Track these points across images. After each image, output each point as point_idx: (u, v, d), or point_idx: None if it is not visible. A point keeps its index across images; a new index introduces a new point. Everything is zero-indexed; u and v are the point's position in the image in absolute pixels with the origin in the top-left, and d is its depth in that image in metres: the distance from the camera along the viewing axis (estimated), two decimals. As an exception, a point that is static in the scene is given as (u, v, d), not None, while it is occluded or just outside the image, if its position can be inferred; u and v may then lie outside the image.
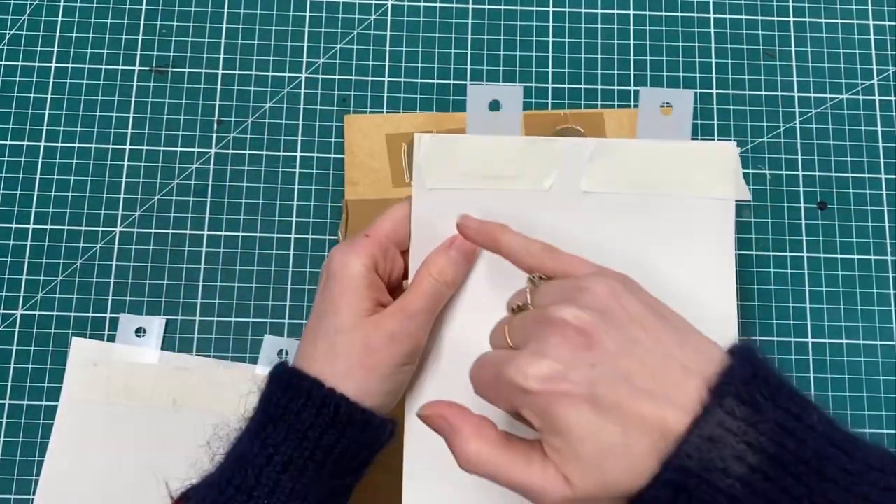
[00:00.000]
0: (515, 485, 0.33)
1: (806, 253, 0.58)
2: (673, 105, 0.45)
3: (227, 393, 0.54)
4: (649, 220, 0.44)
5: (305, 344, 0.42)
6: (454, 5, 0.62)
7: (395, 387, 0.42)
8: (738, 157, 0.44)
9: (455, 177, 0.44)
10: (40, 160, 0.58)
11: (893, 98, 0.61)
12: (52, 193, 0.58)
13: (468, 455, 0.34)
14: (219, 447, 0.42)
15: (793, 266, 0.58)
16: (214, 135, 0.59)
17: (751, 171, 0.59)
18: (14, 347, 0.55)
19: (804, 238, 0.58)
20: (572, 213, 0.44)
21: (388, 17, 0.62)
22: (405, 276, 0.45)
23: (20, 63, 0.60)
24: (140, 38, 0.61)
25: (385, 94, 0.60)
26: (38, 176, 0.58)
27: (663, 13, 0.62)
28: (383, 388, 0.41)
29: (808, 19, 0.63)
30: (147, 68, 0.60)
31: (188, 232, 0.57)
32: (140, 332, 0.55)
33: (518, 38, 0.62)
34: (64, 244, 0.57)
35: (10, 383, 0.55)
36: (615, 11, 0.62)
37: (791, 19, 0.62)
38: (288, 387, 0.40)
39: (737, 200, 0.45)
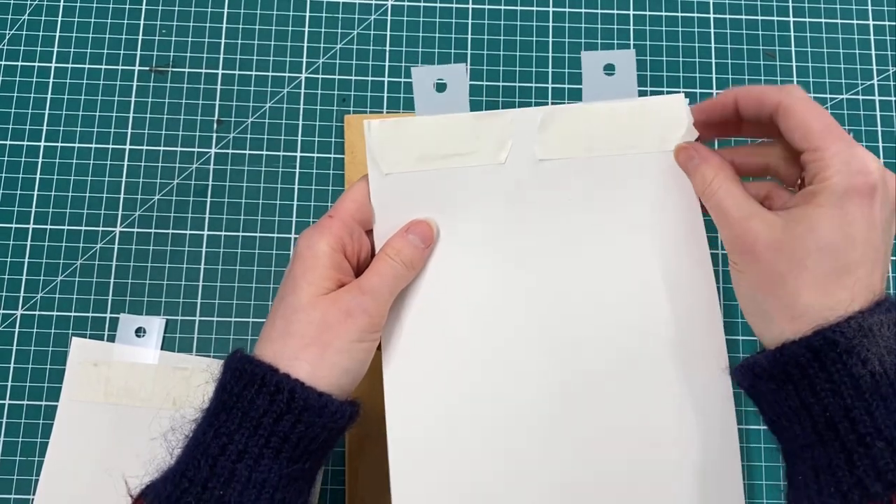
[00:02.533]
0: (733, 218, 0.39)
1: (806, 253, 0.58)
2: (616, 66, 0.45)
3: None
4: (607, 181, 0.44)
5: (265, 326, 0.42)
6: (454, 5, 0.62)
7: (354, 365, 0.41)
8: (688, 108, 0.44)
9: (410, 159, 0.44)
10: (40, 160, 0.58)
11: (893, 98, 0.61)
12: (52, 193, 0.58)
13: (705, 177, 0.41)
14: (176, 441, 0.41)
15: (793, 266, 0.58)
16: (214, 135, 0.59)
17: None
18: (14, 347, 0.55)
19: (804, 238, 0.58)
20: (531, 182, 0.44)
21: (388, 17, 0.62)
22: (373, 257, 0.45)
23: (20, 63, 0.60)
24: (140, 38, 0.61)
25: (385, 94, 0.60)
26: (38, 176, 0.58)
27: (663, 13, 0.62)
28: (340, 365, 0.40)
29: (808, 19, 0.63)
30: (147, 68, 0.60)
31: (188, 232, 0.57)
32: (140, 332, 0.55)
33: (518, 38, 0.62)
34: (64, 244, 0.57)
35: (9, 383, 0.55)
36: (615, 11, 0.62)
37: (791, 19, 0.62)
38: (241, 374, 0.39)
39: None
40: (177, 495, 0.38)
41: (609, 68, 0.45)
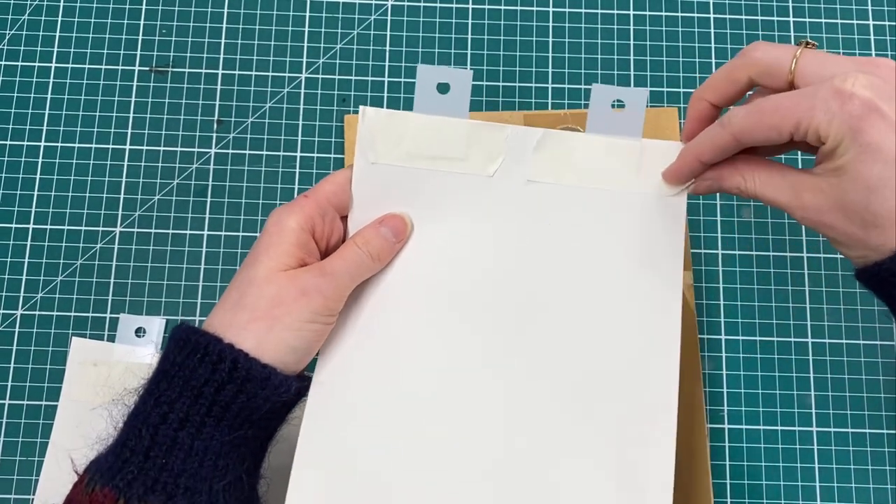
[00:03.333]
0: (785, 205, 0.39)
1: (806, 253, 0.58)
2: (626, 103, 0.44)
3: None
4: (592, 214, 0.44)
5: (221, 298, 0.41)
6: (454, 5, 0.62)
7: (302, 343, 0.40)
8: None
9: (399, 153, 0.44)
10: (40, 160, 0.58)
11: (893, 98, 0.61)
12: (52, 193, 0.58)
13: (739, 186, 0.41)
14: (119, 414, 0.40)
15: (793, 266, 0.58)
16: (214, 135, 0.59)
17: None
18: (14, 347, 0.55)
19: (804, 238, 0.58)
20: (516, 200, 0.44)
21: (388, 17, 0.62)
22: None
23: (20, 63, 0.60)
24: (140, 38, 0.61)
25: (385, 94, 0.60)
26: (38, 176, 0.58)
27: (663, 13, 0.62)
28: (287, 342, 0.40)
29: (808, 19, 0.62)
30: (147, 68, 0.60)
31: (188, 232, 0.57)
32: (140, 332, 0.55)
33: (518, 38, 0.62)
34: (64, 244, 0.57)
35: (9, 383, 0.55)
36: (615, 11, 0.62)
37: (791, 19, 0.62)
38: (184, 343, 0.39)
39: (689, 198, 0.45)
40: (118, 465, 0.37)
41: (618, 102, 0.44)
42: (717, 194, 0.59)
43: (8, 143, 0.58)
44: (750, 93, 0.42)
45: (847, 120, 0.35)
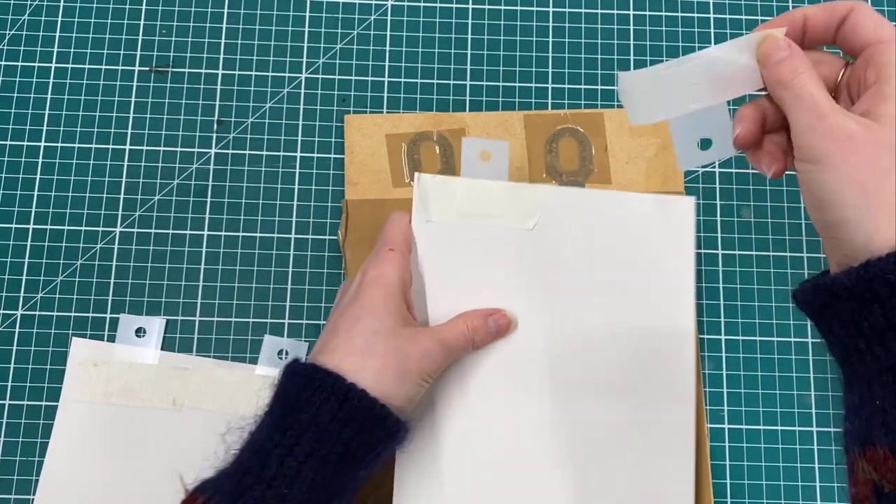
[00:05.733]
0: (825, 109, 0.36)
1: (806, 253, 0.58)
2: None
3: (227, 393, 0.54)
4: (618, 266, 0.52)
5: (337, 340, 0.43)
6: (454, 5, 0.62)
7: (415, 396, 0.44)
8: (694, 212, 0.52)
9: (450, 211, 0.52)
10: (40, 160, 0.58)
11: (893, 98, 0.61)
12: (52, 193, 0.58)
13: (797, 69, 0.38)
14: (234, 440, 0.42)
15: (793, 266, 0.58)
16: (214, 135, 0.59)
17: (751, 171, 0.59)
18: (14, 348, 0.55)
19: (804, 238, 0.58)
20: (554, 251, 0.52)
21: (388, 17, 0.62)
22: None
23: (20, 63, 0.60)
24: (140, 38, 0.61)
25: (385, 94, 0.60)
26: (38, 176, 0.58)
27: (663, 13, 0.62)
28: (407, 393, 0.43)
29: (808, 19, 0.62)
30: (147, 68, 0.60)
31: (188, 232, 0.57)
32: (140, 332, 0.55)
33: (518, 38, 0.62)
34: (64, 244, 0.57)
35: (9, 383, 0.55)
36: (615, 11, 0.62)
37: (791, 19, 0.62)
38: (309, 380, 0.41)
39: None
40: (239, 491, 0.39)
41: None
42: (717, 194, 0.59)
43: (8, 143, 0.58)
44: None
45: None
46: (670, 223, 0.52)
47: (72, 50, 0.60)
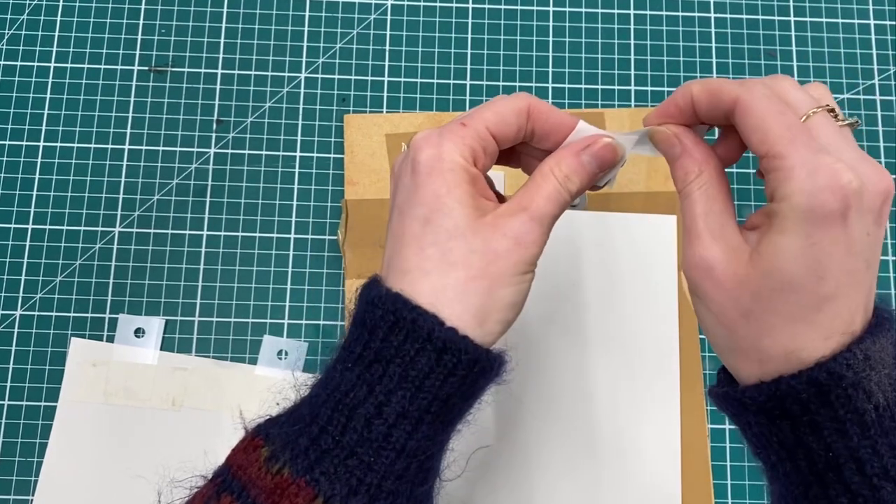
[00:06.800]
0: (697, 232, 0.34)
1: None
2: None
3: (226, 393, 0.54)
4: (608, 278, 0.56)
5: (407, 253, 0.35)
6: (454, 5, 0.62)
7: (520, 298, 0.36)
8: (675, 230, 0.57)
9: None
10: (40, 160, 0.58)
11: (894, 98, 0.61)
12: (52, 193, 0.58)
13: (687, 174, 0.35)
14: (303, 378, 0.36)
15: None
16: (214, 135, 0.59)
17: (751, 170, 0.59)
18: (13, 348, 0.55)
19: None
20: (547, 266, 0.52)
21: (388, 17, 0.61)
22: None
23: (20, 63, 0.60)
24: (140, 38, 0.61)
25: (385, 94, 0.60)
26: (37, 176, 0.58)
27: (663, 13, 0.62)
28: (507, 301, 0.35)
29: (808, 19, 0.62)
30: (147, 68, 0.60)
31: (188, 232, 0.57)
32: (139, 332, 0.55)
33: (518, 38, 0.61)
34: (63, 244, 0.57)
35: (8, 384, 0.55)
36: (615, 11, 0.62)
37: (792, 19, 0.62)
38: (398, 322, 0.34)
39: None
40: (317, 455, 0.33)
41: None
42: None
43: (7, 143, 0.58)
44: None
45: (818, 198, 0.30)
46: (655, 239, 0.57)
47: (71, 50, 0.60)
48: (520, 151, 0.40)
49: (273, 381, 0.54)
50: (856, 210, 0.30)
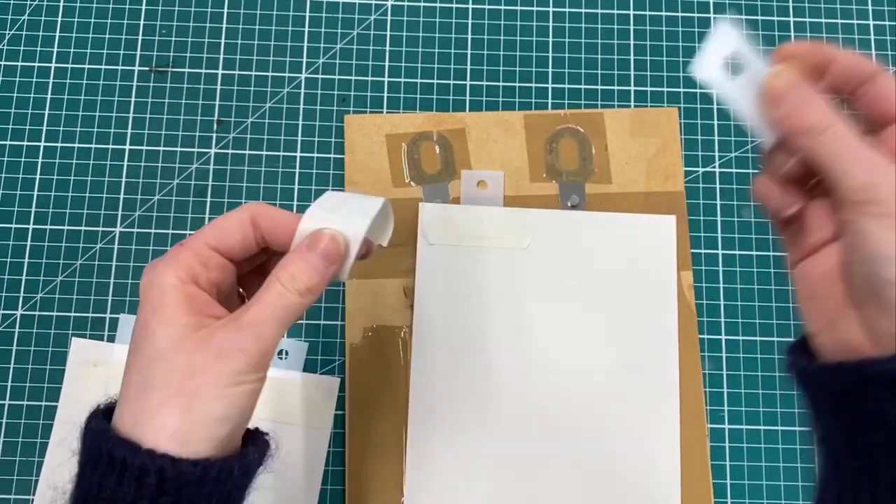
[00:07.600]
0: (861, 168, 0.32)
1: (806, 253, 0.58)
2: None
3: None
4: (607, 277, 0.56)
5: (122, 383, 0.36)
6: (454, 5, 0.62)
7: (232, 411, 0.35)
8: (674, 231, 0.57)
9: (452, 235, 0.56)
10: (40, 160, 0.58)
11: (894, 98, 0.61)
12: (52, 193, 0.58)
13: (818, 127, 0.33)
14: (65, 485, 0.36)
15: (793, 266, 0.58)
16: (214, 135, 0.59)
17: (751, 170, 0.59)
18: (14, 348, 0.55)
19: (804, 238, 0.58)
20: (548, 266, 0.56)
21: (388, 17, 0.62)
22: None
23: (20, 63, 0.60)
24: (140, 38, 0.61)
25: (385, 94, 0.60)
26: (37, 176, 0.58)
27: (663, 13, 0.62)
28: (212, 414, 0.34)
29: (808, 19, 0.62)
30: (147, 68, 0.60)
31: (188, 232, 0.57)
32: (140, 332, 0.55)
33: (518, 38, 0.62)
34: (63, 244, 0.57)
35: (9, 383, 0.55)
36: (615, 11, 0.62)
37: (791, 19, 0.62)
38: (98, 458, 0.33)
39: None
40: None
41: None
42: (717, 194, 0.59)
43: (8, 143, 0.58)
44: None
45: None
46: (654, 239, 0.57)
47: (71, 50, 0.60)
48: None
49: (271, 381, 0.54)
50: None
